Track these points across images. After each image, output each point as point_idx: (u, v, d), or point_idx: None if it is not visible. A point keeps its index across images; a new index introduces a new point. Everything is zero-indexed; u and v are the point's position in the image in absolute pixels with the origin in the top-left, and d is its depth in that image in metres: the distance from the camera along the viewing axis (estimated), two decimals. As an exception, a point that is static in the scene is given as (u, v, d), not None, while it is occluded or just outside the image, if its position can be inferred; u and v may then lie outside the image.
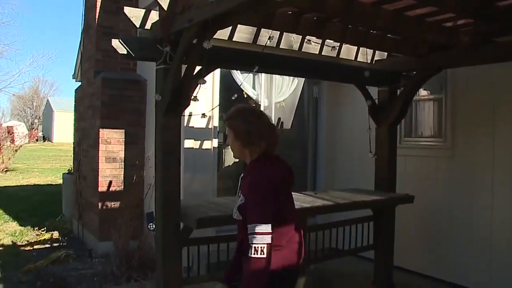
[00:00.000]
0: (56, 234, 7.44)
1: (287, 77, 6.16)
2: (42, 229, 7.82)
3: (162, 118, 3.42)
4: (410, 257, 5.34)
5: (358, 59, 4.72)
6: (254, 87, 5.99)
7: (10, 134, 21.06)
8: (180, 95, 3.35)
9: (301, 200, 4.31)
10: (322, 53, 4.46)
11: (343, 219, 4.85)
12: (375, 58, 4.84)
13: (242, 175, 2.59)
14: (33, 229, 7.97)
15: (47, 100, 59.72)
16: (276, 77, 6.10)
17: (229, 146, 2.66)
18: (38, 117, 63.41)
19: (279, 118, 6.27)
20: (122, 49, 3.42)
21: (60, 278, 5.23)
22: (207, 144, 5.45)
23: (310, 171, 6.57)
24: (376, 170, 5.05)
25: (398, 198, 4.85)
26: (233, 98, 4.24)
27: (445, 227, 5.11)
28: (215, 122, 5.51)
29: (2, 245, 6.98)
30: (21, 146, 21.04)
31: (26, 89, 64.41)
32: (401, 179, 5.07)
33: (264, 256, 2.29)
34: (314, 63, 4.44)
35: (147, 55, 3.50)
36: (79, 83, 8.34)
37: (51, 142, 49.88)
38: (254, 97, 5.98)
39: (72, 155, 8.36)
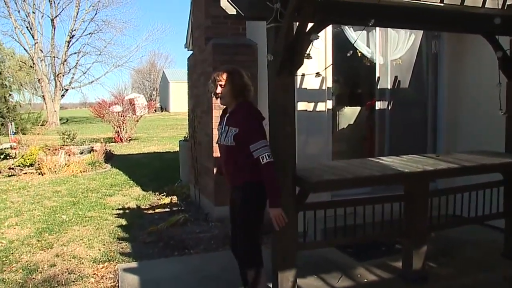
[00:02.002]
0: (175, 199, 7.85)
1: (403, 32, 5.75)
2: (162, 194, 8.30)
3: (275, 79, 3.31)
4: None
5: (486, 6, 4.21)
6: (368, 45, 5.67)
7: (132, 106, 22.50)
8: (293, 53, 3.21)
9: (422, 162, 4.02)
10: (444, 2, 4.04)
11: (468, 184, 4.47)
12: (508, 3, 4.28)
13: (227, 114, 3.41)
14: (154, 194, 8.48)
15: (163, 72, 63.10)
16: (392, 33, 5.72)
17: (220, 93, 3.36)
18: (155, 88, 67.47)
19: (396, 77, 5.89)
20: (231, 9, 3.34)
21: (179, 240, 5.48)
22: (321, 106, 5.28)
23: (430, 132, 6.12)
24: (507, 130, 4.56)
25: (536, 161, 4.34)
26: (348, 55, 3.99)
27: None
28: (329, 83, 5.30)
29: (129, 208, 7.50)
30: (141, 116, 22.44)
31: (144, 63, 68.78)
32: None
33: (273, 159, 3.13)
34: (436, 13, 4.03)
35: (257, 13, 3.38)
36: (191, 52, 8.54)
37: (168, 112, 52.89)
38: (369, 56, 5.67)
39: (187, 122, 8.68)
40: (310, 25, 3.28)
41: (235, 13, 3.30)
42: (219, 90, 3.37)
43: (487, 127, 5.44)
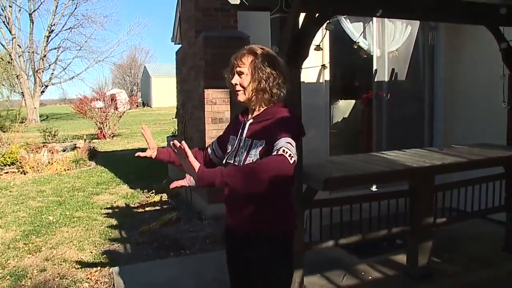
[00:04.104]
0: (164, 196, 7.63)
1: (399, 23, 5.63)
2: (151, 192, 8.06)
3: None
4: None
5: (492, -5, 4.10)
6: (365, 37, 5.54)
7: (114, 102, 22.09)
8: (299, 45, 3.06)
9: (427, 156, 3.90)
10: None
11: (470, 178, 4.37)
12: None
13: (250, 120, 2.28)
14: (143, 192, 8.25)
15: (144, 67, 62.38)
16: (388, 24, 5.59)
17: (237, 84, 2.25)
18: (136, 84, 66.66)
19: (393, 69, 5.77)
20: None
21: (173, 240, 5.31)
22: (319, 99, 5.15)
23: (427, 125, 6.02)
24: (509, 122, 4.46)
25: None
26: (355, 47, 3.84)
27: None
28: (326, 75, 5.17)
29: (117, 207, 7.28)
30: (124, 112, 22.05)
31: (125, 58, 67.85)
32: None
33: (294, 159, 1.91)
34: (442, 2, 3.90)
35: (261, 3, 3.22)
36: (178, 47, 8.34)
37: (150, 107, 52.32)
38: (366, 48, 5.53)
39: (175, 118, 8.48)
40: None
41: (238, 3, 3.13)
42: (235, 80, 2.24)
43: (484, 120, 5.37)
